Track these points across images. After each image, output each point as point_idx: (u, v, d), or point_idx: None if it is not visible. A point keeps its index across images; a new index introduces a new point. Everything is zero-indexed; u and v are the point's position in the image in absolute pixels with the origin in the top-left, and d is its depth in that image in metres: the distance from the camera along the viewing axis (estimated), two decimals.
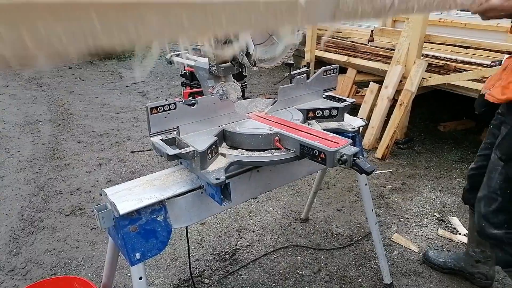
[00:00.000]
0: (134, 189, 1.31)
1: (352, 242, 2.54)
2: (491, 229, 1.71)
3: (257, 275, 2.27)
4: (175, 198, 1.33)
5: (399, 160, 3.65)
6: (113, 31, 0.43)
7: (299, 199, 3.03)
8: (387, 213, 2.85)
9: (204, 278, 2.24)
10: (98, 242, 2.54)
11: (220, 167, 1.32)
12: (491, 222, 1.71)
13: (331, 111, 1.68)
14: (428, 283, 2.20)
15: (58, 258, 2.40)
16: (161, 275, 2.27)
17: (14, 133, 4.28)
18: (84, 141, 4.04)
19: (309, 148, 1.32)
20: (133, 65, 6.86)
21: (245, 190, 1.52)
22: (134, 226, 1.25)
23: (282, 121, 1.53)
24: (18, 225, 2.71)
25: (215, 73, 1.60)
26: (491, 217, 1.71)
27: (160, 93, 5.70)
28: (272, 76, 6.42)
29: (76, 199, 3.00)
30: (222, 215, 2.81)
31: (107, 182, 3.24)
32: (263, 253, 2.44)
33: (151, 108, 1.30)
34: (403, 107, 3.62)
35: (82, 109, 5.02)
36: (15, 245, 2.51)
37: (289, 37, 1.42)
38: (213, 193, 1.32)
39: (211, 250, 2.47)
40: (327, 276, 2.25)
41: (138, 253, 1.27)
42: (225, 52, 1.41)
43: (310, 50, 4.90)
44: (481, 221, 1.75)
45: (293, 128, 1.46)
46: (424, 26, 3.52)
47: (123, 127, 4.45)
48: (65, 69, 6.93)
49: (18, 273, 2.29)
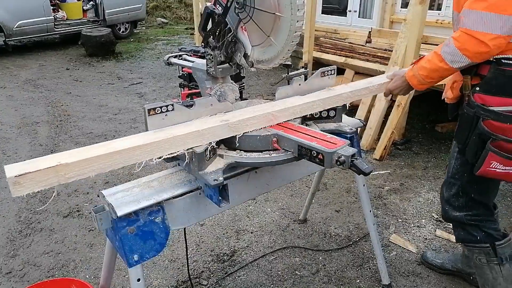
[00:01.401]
0: (132, 190, 1.31)
1: (350, 243, 2.54)
2: (454, 212, 1.83)
3: (255, 276, 2.27)
4: (173, 200, 1.33)
5: (397, 161, 3.65)
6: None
7: (297, 200, 3.03)
8: (385, 214, 2.85)
9: (203, 280, 2.24)
10: (96, 244, 2.53)
11: (218, 168, 1.32)
12: (453, 206, 1.83)
13: (329, 112, 1.68)
14: (426, 284, 2.20)
15: (55, 260, 2.39)
16: (159, 276, 2.27)
17: (11, 134, 4.26)
18: (82, 142, 4.03)
19: (307, 149, 1.32)
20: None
21: (243, 191, 1.51)
22: (132, 228, 1.25)
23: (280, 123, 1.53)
24: (16, 227, 2.70)
25: (213, 74, 1.60)
26: (453, 200, 1.83)
27: (158, 94, 5.69)
28: (270, 77, 6.43)
29: (73, 201, 2.99)
30: (220, 216, 2.80)
31: (105, 183, 3.23)
32: (261, 254, 2.44)
33: (149, 109, 1.30)
34: (401, 108, 3.62)
35: (80, 111, 5.01)
36: (13, 247, 2.50)
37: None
38: (211, 195, 1.32)
39: (209, 252, 2.47)
40: (325, 277, 2.25)
41: (136, 254, 1.26)
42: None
43: (308, 51, 4.90)
44: (444, 205, 1.88)
45: (291, 129, 1.46)
46: (421, 27, 3.52)
47: (121, 128, 4.45)
48: (62, 70, 6.92)
49: (15, 275, 2.28)
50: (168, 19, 12.33)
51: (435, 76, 1.62)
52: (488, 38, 1.40)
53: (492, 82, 1.51)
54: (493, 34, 1.39)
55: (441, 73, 1.60)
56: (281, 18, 1.39)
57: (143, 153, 1.20)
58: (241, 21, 1.46)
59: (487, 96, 1.53)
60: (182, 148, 1.27)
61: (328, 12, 6.85)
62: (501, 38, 1.40)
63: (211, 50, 1.56)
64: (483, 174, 1.58)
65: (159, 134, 1.26)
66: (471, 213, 1.81)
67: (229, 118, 1.39)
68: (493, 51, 1.44)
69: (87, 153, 1.12)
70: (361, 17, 6.40)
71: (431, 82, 1.65)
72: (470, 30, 1.43)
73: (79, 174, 1.09)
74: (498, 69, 1.49)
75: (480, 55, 1.46)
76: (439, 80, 1.65)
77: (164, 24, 11.81)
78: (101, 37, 7.62)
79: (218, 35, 1.53)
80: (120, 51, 8.22)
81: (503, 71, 1.48)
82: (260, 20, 1.43)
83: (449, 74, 1.63)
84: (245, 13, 1.43)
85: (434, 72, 1.60)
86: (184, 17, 12.50)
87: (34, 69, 6.94)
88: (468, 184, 1.77)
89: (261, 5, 1.39)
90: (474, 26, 1.41)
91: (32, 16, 7.63)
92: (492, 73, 1.51)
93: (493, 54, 1.47)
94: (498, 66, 1.49)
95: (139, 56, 7.96)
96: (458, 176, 1.79)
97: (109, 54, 7.81)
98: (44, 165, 1.04)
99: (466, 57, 1.48)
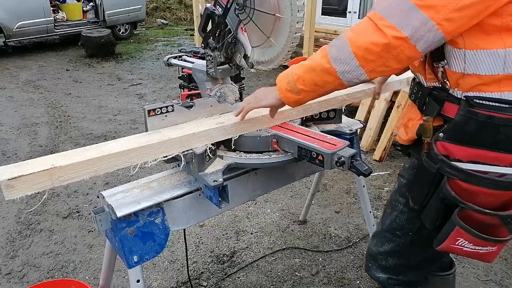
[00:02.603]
0: (132, 191, 1.31)
1: (350, 244, 2.53)
2: (377, 272, 1.47)
3: (255, 277, 2.27)
4: (173, 201, 1.33)
5: (397, 161, 3.65)
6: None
7: (297, 201, 3.03)
8: None
9: (202, 281, 2.24)
10: (95, 245, 2.53)
11: (218, 169, 1.32)
12: (379, 264, 1.46)
13: (328, 113, 1.69)
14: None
15: (55, 261, 2.39)
16: (159, 277, 2.27)
17: (11, 135, 4.26)
18: (82, 143, 4.03)
19: (307, 150, 1.32)
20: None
21: (243, 192, 1.51)
22: (131, 229, 1.25)
23: (280, 123, 1.53)
24: (15, 228, 2.70)
25: (213, 75, 1.60)
26: (381, 258, 1.45)
27: (158, 95, 5.70)
28: (270, 78, 6.43)
29: (73, 202, 2.99)
30: (220, 217, 2.80)
31: (105, 184, 3.23)
32: (261, 255, 2.44)
33: (149, 110, 1.30)
34: (401, 108, 3.62)
35: (80, 111, 5.01)
36: (12, 248, 2.50)
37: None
38: (211, 195, 1.32)
39: (209, 253, 2.47)
40: (325, 278, 2.25)
41: (135, 255, 1.26)
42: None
43: (307, 52, 4.90)
44: (369, 260, 1.51)
45: (291, 130, 1.46)
46: None
47: (121, 129, 4.45)
48: (62, 71, 6.91)
49: (15, 276, 2.27)
50: (168, 20, 12.35)
51: (308, 79, 1.14)
52: (392, 34, 0.98)
53: (461, 128, 1.07)
54: (399, 32, 0.97)
55: (318, 75, 1.13)
56: (281, 19, 1.39)
57: (138, 156, 1.20)
58: (241, 22, 1.47)
59: (454, 145, 1.09)
60: (177, 151, 1.27)
61: (328, 13, 6.85)
62: (407, 42, 0.98)
63: (211, 51, 1.56)
64: (446, 250, 1.19)
65: (154, 136, 1.26)
66: (397, 279, 1.44)
67: (224, 120, 1.39)
68: (387, 56, 1.01)
69: (81, 155, 1.12)
70: (361, 18, 6.40)
71: (303, 90, 1.17)
72: (376, 15, 1.01)
73: (74, 177, 1.09)
74: (469, 112, 1.06)
75: (372, 60, 1.03)
76: (315, 90, 1.17)
77: (164, 25, 11.82)
78: (101, 38, 7.63)
79: (218, 36, 1.53)
80: (120, 52, 8.22)
81: (475, 114, 1.05)
82: (260, 21, 1.43)
83: (329, 83, 1.13)
84: (245, 14, 1.43)
85: (309, 73, 1.14)
86: (184, 18, 12.50)
87: (34, 70, 6.94)
88: (411, 246, 1.36)
89: (261, 6, 1.39)
90: (384, 11, 1.00)
91: (32, 17, 7.63)
92: (461, 117, 1.07)
93: (390, 65, 1.03)
94: (469, 107, 1.05)
95: (139, 57, 7.97)
96: (400, 234, 1.36)
97: (109, 55, 7.81)
98: (38, 168, 1.04)
99: (354, 56, 1.04)
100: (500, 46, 0.99)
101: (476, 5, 0.94)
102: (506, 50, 0.99)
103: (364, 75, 1.08)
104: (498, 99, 1.03)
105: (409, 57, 1.01)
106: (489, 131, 1.04)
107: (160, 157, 1.24)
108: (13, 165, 1.06)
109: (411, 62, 1.13)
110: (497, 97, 1.03)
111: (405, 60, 1.02)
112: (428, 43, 0.99)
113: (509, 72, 1.01)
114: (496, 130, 1.03)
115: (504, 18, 0.96)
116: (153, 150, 1.22)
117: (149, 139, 1.23)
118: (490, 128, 1.04)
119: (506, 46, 0.98)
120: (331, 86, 1.14)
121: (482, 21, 0.97)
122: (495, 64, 1.01)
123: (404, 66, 1.06)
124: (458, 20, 0.96)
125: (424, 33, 0.97)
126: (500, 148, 1.05)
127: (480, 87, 1.05)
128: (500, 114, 1.02)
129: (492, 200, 1.07)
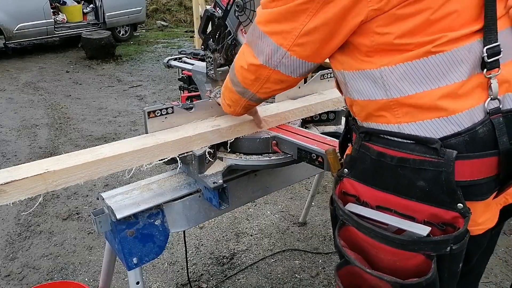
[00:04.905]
0: (131, 193, 1.30)
1: None
2: None
3: (255, 279, 2.26)
4: (173, 202, 1.33)
5: None
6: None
7: (297, 202, 3.03)
8: None
9: (202, 283, 2.23)
10: (95, 247, 2.52)
11: (217, 171, 1.32)
12: None
13: (328, 114, 1.69)
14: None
15: (54, 263, 2.39)
16: (159, 279, 2.26)
17: (11, 137, 4.26)
18: (82, 145, 4.03)
19: (306, 152, 1.32)
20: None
21: (243, 194, 1.51)
22: (131, 231, 1.24)
23: (280, 125, 1.53)
24: (15, 229, 2.70)
25: (213, 77, 1.60)
26: None
27: (158, 97, 5.70)
28: None
29: (73, 204, 2.99)
30: (220, 219, 2.80)
31: (104, 186, 3.23)
32: (261, 257, 2.44)
33: (149, 112, 1.30)
34: None
35: (80, 113, 5.01)
36: (12, 250, 2.50)
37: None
38: (211, 197, 1.32)
39: (209, 254, 2.47)
40: (325, 280, 2.25)
41: (135, 257, 1.26)
42: None
43: None
44: None
45: (291, 132, 1.46)
46: None
47: (121, 131, 4.45)
48: (62, 73, 6.92)
49: (14, 278, 2.27)
50: (168, 22, 12.36)
51: (227, 96, 1.17)
52: (250, 62, 0.97)
53: (359, 165, 0.93)
54: (256, 59, 0.95)
55: (230, 93, 1.14)
56: None
57: (133, 160, 1.19)
58: (241, 24, 1.47)
59: (361, 185, 0.93)
60: (172, 154, 1.27)
61: None
62: (266, 68, 0.95)
63: (211, 53, 1.56)
64: None
65: (149, 140, 1.25)
66: None
67: (220, 123, 1.39)
68: (261, 79, 0.98)
69: (75, 159, 1.11)
70: None
71: (230, 104, 1.20)
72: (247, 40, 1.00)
73: (67, 181, 1.08)
74: (362, 146, 0.91)
75: (251, 84, 1.02)
76: (237, 104, 1.17)
77: (164, 27, 11.84)
78: (101, 40, 7.64)
79: (218, 38, 1.53)
80: (120, 54, 8.23)
81: (367, 149, 0.90)
82: None
83: (241, 100, 1.12)
84: (245, 16, 1.44)
85: (225, 90, 1.17)
86: (184, 20, 12.52)
87: (34, 72, 6.94)
88: None
89: None
90: (247, 38, 1.00)
91: (32, 19, 7.64)
92: (355, 151, 0.93)
93: (271, 87, 1.00)
94: (363, 140, 0.91)
95: (139, 59, 7.97)
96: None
97: (109, 57, 7.82)
98: (31, 173, 1.01)
99: (238, 79, 1.05)
100: (373, 65, 0.85)
101: (323, 27, 0.84)
102: (380, 69, 0.84)
103: (256, 96, 1.06)
104: (392, 132, 0.86)
105: (282, 80, 0.97)
106: (387, 172, 0.87)
107: (155, 160, 1.24)
108: (5, 170, 1.03)
109: (291, 85, 1.02)
110: (394, 130, 0.85)
111: (280, 82, 0.98)
112: (292, 68, 0.92)
113: (394, 96, 0.83)
114: (394, 170, 0.85)
115: (371, 37, 0.83)
116: (147, 154, 1.22)
117: (144, 143, 1.23)
118: (386, 168, 0.87)
119: (378, 65, 0.84)
120: (244, 103, 1.13)
121: (352, 40, 0.86)
122: (375, 86, 0.86)
123: (287, 87, 1.01)
124: (311, 44, 0.87)
125: (279, 59, 0.91)
126: (406, 195, 0.85)
127: (372, 116, 0.90)
128: (392, 151, 0.85)
129: (396, 260, 0.87)
